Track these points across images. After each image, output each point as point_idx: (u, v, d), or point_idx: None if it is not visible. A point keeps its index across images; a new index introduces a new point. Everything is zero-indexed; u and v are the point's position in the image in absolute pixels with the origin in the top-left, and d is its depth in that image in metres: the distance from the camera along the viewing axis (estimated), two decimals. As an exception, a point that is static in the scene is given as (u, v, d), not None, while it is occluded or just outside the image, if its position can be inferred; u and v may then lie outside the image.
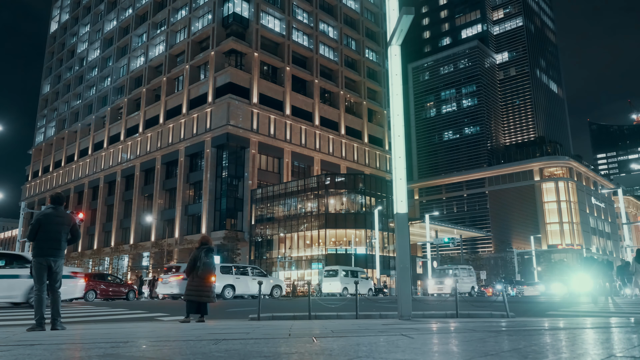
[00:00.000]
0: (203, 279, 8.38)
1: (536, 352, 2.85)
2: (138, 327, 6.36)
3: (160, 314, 10.97)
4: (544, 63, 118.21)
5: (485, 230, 76.60)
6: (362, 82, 70.06)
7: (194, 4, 61.67)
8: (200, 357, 2.68)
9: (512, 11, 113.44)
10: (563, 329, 4.79)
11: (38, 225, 6.31)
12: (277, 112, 57.26)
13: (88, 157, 73.13)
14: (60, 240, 6.37)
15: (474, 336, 3.97)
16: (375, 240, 41.18)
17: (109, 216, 67.14)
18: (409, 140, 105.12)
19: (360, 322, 6.89)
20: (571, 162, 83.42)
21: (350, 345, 3.31)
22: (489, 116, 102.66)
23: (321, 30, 66.34)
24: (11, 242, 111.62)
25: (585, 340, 3.56)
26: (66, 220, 6.50)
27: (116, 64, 72.03)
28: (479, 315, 9.30)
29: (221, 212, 51.93)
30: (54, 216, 6.42)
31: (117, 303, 18.62)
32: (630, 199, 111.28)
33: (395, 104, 7.55)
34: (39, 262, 6.19)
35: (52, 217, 6.40)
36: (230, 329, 5.38)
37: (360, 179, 49.22)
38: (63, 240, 6.42)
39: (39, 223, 6.32)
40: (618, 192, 39.43)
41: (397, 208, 7.32)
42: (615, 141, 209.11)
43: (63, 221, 6.46)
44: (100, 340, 4.06)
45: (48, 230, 6.31)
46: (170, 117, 59.94)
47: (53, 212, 6.47)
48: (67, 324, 7.06)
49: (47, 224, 6.33)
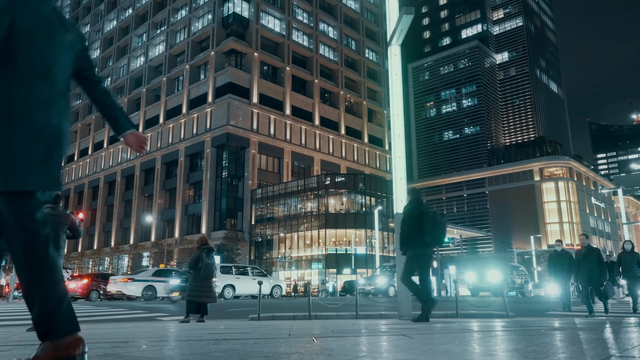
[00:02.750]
0: (204, 279, 8.40)
1: (536, 352, 2.85)
2: (138, 327, 6.36)
3: (160, 314, 10.98)
4: (544, 63, 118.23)
5: (485, 230, 76.61)
6: (362, 82, 70.08)
7: (194, 4, 61.69)
8: (200, 357, 2.68)
9: (512, 11, 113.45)
10: (563, 329, 4.79)
11: None
12: (277, 112, 57.27)
13: (88, 157, 73.16)
14: (58, 239, 6.37)
15: (474, 336, 3.97)
16: (375, 240, 41.20)
17: (109, 216, 67.16)
18: (409, 140, 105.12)
19: (360, 322, 6.90)
20: (571, 162, 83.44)
21: (350, 345, 3.31)
22: (489, 116, 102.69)
23: (321, 30, 66.35)
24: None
25: (585, 340, 3.56)
26: (64, 220, 6.51)
27: (116, 64, 72.04)
28: (479, 315, 9.30)
29: (221, 212, 51.94)
30: (52, 215, 6.43)
31: (118, 303, 18.64)
32: (630, 199, 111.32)
33: (395, 104, 7.55)
34: None
35: (50, 216, 6.40)
36: (230, 329, 5.38)
37: (360, 179, 49.24)
38: (62, 240, 6.42)
39: None
40: (618, 192, 39.44)
41: (397, 208, 7.32)
42: (615, 141, 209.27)
43: (61, 220, 6.46)
44: (100, 340, 4.06)
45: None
46: (170, 117, 59.95)
47: (51, 211, 6.47)
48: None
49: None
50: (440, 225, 6.24)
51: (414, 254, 6.32)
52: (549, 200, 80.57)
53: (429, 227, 6.16)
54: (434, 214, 6.29)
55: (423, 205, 6.48)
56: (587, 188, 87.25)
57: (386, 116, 72.12)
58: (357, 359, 2.56)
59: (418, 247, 6.29)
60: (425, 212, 6.30)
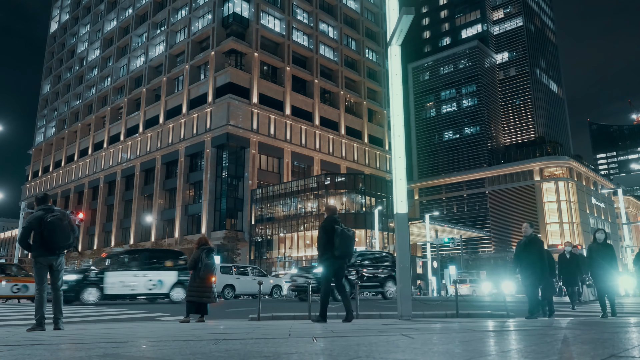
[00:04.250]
0: (204, 279, 8.40)
1: (536, 352, 2.85)
2: (138, 327, 6.36)
3: (160, 314, 10.97)
4: (544, 63, 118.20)
5: (485, 230, 76.56)
6: (362, 82, 70.07)
7: (194, 4, 61.67)
8: (200, 357, 2.68)
9: (512, 11, 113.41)
10: (563, 329, 4.79)
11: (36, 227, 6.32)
12: (277, 112, 57.26)
13: (88, 157, 73.14)
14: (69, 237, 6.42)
15: (474, 336, 3.97)
16: (375, 240, 41.19)
17: (109, 216, 67.14)
18: (409, 140, 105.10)
19: (360, 322, 6.89)
20: (571, 162, 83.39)
21: (350, 345, 3.31)
22: (489, 116, 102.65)
23: (321, 30, 66.34)
24: (11, 242, 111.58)
25: (586, 340, 3.56)
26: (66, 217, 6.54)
27: (116, 64, 72.03)
28: (479, 315, 9.30)
29: (221, 212, 51.94)
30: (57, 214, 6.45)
31: (118, 303, 18.62)
32: (630, 199, 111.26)
33: (395, 104, 7.54)
34: (40, 262, 6.20)
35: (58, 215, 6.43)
36: (230, 329, 5.38)
37: (360, 179, 49.22)
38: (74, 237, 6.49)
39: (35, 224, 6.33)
40: (618, 192, 39.44)
41: (397, 208, 7.32)
42: (615, 141, 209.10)
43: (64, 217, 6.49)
44: (100, 340, 4.06)
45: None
46: (170, 117, 59.94)
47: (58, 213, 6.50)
48: (67, 324, 7.06)
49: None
50: (348, 240, 7.06)
51: (327, 265, 7.12)
52: (549, 200, 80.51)
53: (337, 242, 6.96)
54: (342, 230, 7.06)
55: (336, 222, 7.20)
56: (587, 188, 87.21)
57: (386, 116, 72.11)
58: (357, 359, 2.56)
59: (329, 259, 7.07)
60: (336, 228, 7.07)
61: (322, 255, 7.16)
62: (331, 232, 7.08)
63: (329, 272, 7.14)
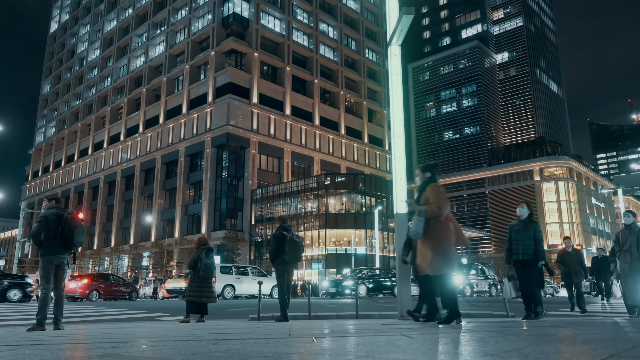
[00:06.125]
0: (204, 279, 8.41)
1: (536, 352, 2.85)
2: (138, 327, 6.36)
3: (160, 314, 10.98)
4: (544, 63, 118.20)
5: (485, 230, 76.60)
6: (362, 82, 70.08)
7: (194, 4, 61.68)
8: (200, 357, 2.68)
9: (512, 11, 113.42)
10: (563, 329, 4.79)
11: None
12: (277, 112, 57.27)
13: (88, 157, 73.15)
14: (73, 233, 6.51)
15: (474, 336, 3.97)
16: (375, 240, 41.19)
17: (109, 216, 67.16)
18: (409, 140, 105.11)
19: (360, 322, 6.89)
20: (571, 162, 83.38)
21: (350, 345, 3.31)
22: (489, 116, 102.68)
23: (321, 30, 66.35)
24: (11, 242, 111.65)
25: (586, 340, 3.56)
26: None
27: (116, 64, 72.04)
28: (479, 315, 9.30)
29: (221, 212, 51.95)
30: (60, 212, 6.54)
31: (118, 303, 18.64)
32: (630, 199, 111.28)
33: (395, 104, 7.54)
34: (49, 261, 6.22)
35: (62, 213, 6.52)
36: (230, 329, 5.38)
37: (360, 179, 49.22)
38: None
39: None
40: (618, 192, 39.40)
41: (397, 208, 7.32)
42: (615, 141, 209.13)
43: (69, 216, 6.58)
44: (100, 340, 4.06)
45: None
46: (170, 117, 59.95)
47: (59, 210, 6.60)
48: (67, 324, 7.06)
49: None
50: (296, 246, 7.72)
51: (278, 269, 7.81)
52: (549, 200, 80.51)
53: (287, 248, 7.62)
54: (291, 237, 7.71)
55: (287, 230, 7.85)
56: (587, 188, 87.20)
57: (386, 116, 72.13)
58: (357, 359, 2.56)
59: (280, 264, 7.76)
60: (286, 235, 7.71)
61: (274, 261, 7.81)
62: (282, 240, 7.69)
63: (280, 275, 7.79)
